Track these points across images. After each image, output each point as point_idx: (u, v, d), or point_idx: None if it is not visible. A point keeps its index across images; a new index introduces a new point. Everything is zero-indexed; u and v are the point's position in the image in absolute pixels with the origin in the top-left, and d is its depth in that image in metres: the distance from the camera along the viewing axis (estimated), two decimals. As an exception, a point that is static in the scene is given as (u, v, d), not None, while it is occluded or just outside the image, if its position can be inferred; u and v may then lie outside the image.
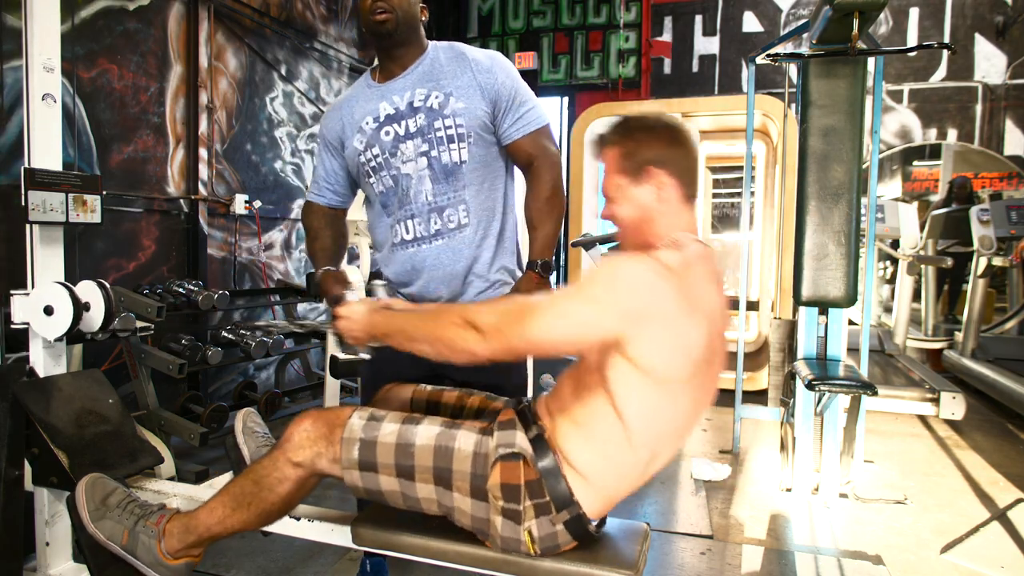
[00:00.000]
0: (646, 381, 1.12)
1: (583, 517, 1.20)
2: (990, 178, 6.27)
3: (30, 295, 1.77)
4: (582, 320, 1.11)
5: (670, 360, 1.11)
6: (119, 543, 1.38)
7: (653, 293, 1.09)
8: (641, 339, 1.09)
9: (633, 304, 1.09)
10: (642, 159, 1.22)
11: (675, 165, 1.22)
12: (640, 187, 1.23)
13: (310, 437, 1.28)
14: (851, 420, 2.82)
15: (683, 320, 1.10)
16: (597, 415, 1.18)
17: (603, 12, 6.61)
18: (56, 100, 1.79)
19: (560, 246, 6.94)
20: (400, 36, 1.66)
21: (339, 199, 1.84)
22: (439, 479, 1.23)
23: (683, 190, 1.23)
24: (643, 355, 1.10)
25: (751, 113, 3.41)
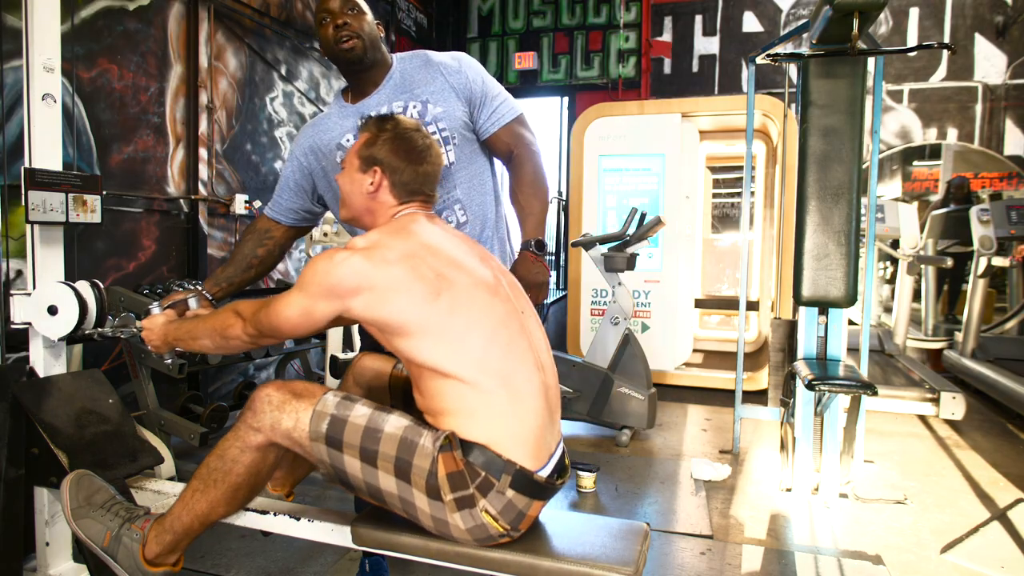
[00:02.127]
0: (409, 331, 1.24)
1: (523, 470, 1.23)
2: (990, 178, 6.27)
3: (32, 295, 1.77)
4: (302, 306, 1.29)
5: (399, 305, 1.24)
6: (100, 544, 1.38)
7: (344, 269, 1.25)
8: (359, 305, 1.25)
9: (332, 283, 1.25)
10: (372, 155, 1.40)
11: (397, 174, 1.40)
12: (362, 175, 1.41)
13: (272, 403, 1.30)
14: (851, 420, 2.82)
15: (382, 274, 1.24)
16: (435, 390, 1.26)
17: (603, 12, 6.60)
18: (56, 100, 1.79)
19: (560, 246, 6.94)
20: (368, 59, 1.70)
21: (279, 211, 1.89)
22: (399, 471, 1.24)
23: (399, 193, 1.41)
24: (376, 314, 1.25)
25: (751, 113, 3.41)
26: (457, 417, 1.25)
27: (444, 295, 1.25)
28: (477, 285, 1.30)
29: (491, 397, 1.24)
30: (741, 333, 3.54)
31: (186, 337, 1.46)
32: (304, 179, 1.82)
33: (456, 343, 1.24)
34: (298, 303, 1.29)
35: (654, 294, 4.89)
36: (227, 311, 1.39)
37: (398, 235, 1.33)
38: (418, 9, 6.33)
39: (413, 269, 1.25)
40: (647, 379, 3.51)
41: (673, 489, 2.91)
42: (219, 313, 1.42)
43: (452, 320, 1.24)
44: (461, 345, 1.24)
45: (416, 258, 1.27)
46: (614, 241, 3.61)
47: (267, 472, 1.37)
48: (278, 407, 1.29)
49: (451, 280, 1.27)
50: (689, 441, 3.62)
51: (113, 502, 1.45)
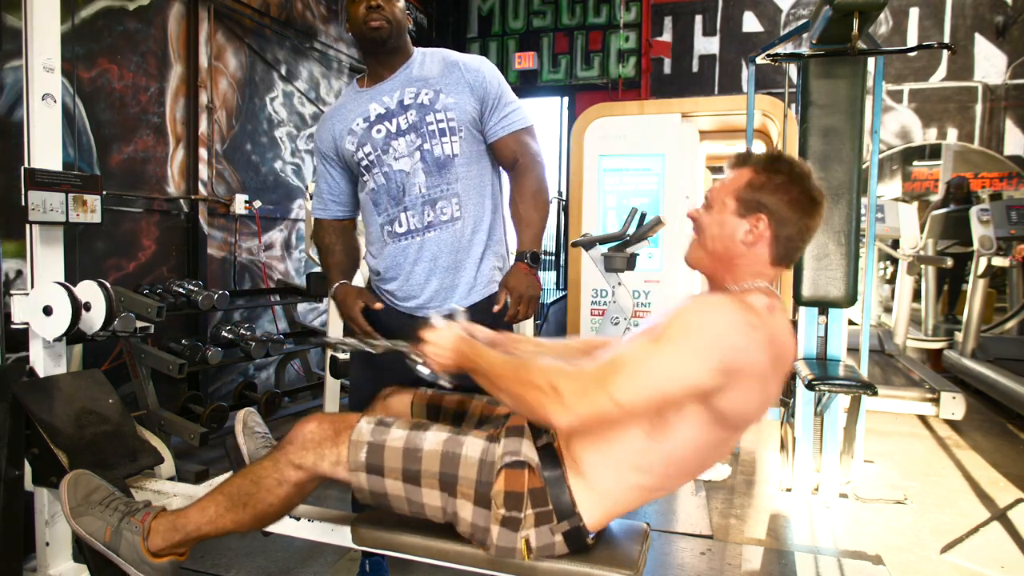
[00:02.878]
0: (710, 424, 1.09)
1: (583, 529, 1.19)
2: (990, 178, 6.27)
3: (30, 295, 1.77)
4: (675, 375, 1.03)
5: (746, 411, 1.09)
6: (101, 540, 1.38)
7: (752, 344, 1.04)
8: (731, 391, 1.05)
9: (733, 357, 1.03)
10: (760, 201, 1.17)
11: (786, 227, 1.17)
12: (739, 220, 1.18)
13: (315, 439, 1.27)
14: (851, 420, 2.82)
15: (771, 374, 1.07)
16: (626, 434, 1.14)
17: (603, 12, 6.61)
18: (56, 100, 1.79)
19: (560, 246, 6.94)
20: (392, 43, 1.71)
21: (344, 210, 1.87)
22: (444, 485, 1.22)
23: (776, 250, 1.18)
24: (724, 405, 1.06)
25: (751, 113, 3.40)
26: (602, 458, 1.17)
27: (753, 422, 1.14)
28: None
29: (647, 480, 1.18)
30: (741, 333, 3.53)
31: (487, 372, 1.19)
32: (345, 168, 1.81)
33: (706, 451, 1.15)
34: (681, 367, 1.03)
35: (654, 294, 4.89)
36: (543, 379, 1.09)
37: (785, 325, 1.13)
38: (418, 9, 6.33)
39: (776, 385, 1.10)
40: (647, 379, 3.50)
41: (673, 489, 2.91)
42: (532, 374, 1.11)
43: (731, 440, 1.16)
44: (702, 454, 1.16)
45: (784, 374, 1.11)
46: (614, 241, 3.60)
47: (301, 501, 1.35)
48: (321, 444, 1.27)
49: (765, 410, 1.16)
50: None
51: (111, 498, 1.45)
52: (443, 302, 1.72)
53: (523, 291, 1.68)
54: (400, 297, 1.75)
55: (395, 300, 1.76)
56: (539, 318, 5.48)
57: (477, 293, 1.73)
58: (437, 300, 1.72)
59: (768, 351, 1.05)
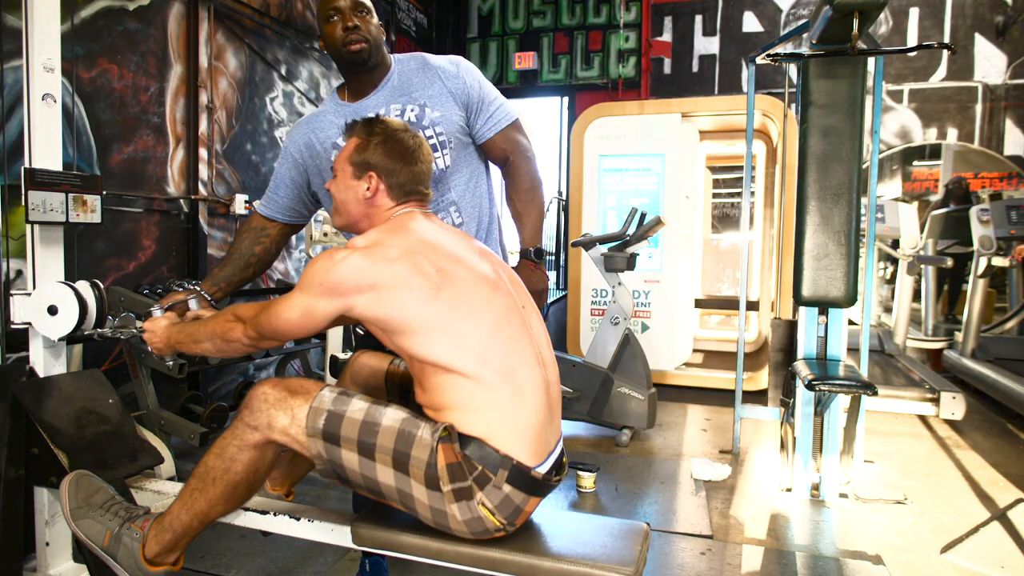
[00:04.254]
0: (412, 328, 1.24)
1: (520, 466, 1.23)
2: (990, 178, 6.27)
3: (32, 295, 1.77)
4: (303, 307, 1.28)
5: (401, 302, 1.24)
6: (100, 544, 1.38)
7: (346, 268, 1.25)
8: (361, 303, 1.25)
9: (333, 281, 1.25)
10: (367, 160, 1.40)
11: (393, 176, 1.40)
12: (356, 182, 1.41)
13: (268, 400, 1.30)
14: (851, 420, 2.82)
15: (380, 270, 1.25)
16: (437, 386, 1.26)
17: (603, 12, 6.61)
18: (56, 100, 1.79)
19: (560, 246, 6.94)
20: (372, 62, 1.69)
21: (278, 212, 1.85)
22: (397, 463, 1.24)
23: (396, 195, 1.42)
24: (380, 309, 1.25)
25: (751, 113, 3.41)
26: (458, 411, 1.25)
27: (445, 291, 1.25)
28: (477, 280, 1.30)
29: (492, 392, 1.24)
30: (741, 333, 3.54)
31: (187, 340, 1.45)
32: (300, 175, 1.80)
33: (458, 338, 1.24)
34: (299, 303, 1.29)
35: (654, 294, 4.89)
36: (227, 314, 1.39)
37: (397, 233, 1.33)
38: (418, 9, 6.33)
39: (414, 266, 1.25)
40: (647, 379, 3.51)
41: (673, 489, 2.91)
42: (219, 316, 1.41)
43: (454, 315, 1.25)
44: (463, 340, 1.24)
45: (416, 254, 1.27)
46: (614, 241, 3.61)
47: (265, 470, 1.37)
48: (274, 404, 1.29)
49: (451, 275, 1.27)
50: (689, 441, 3.62)
51: (112, 502, 1.45)
52: None
53: (532, 286, 1.69)
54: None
55: None
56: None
57: None
58: None
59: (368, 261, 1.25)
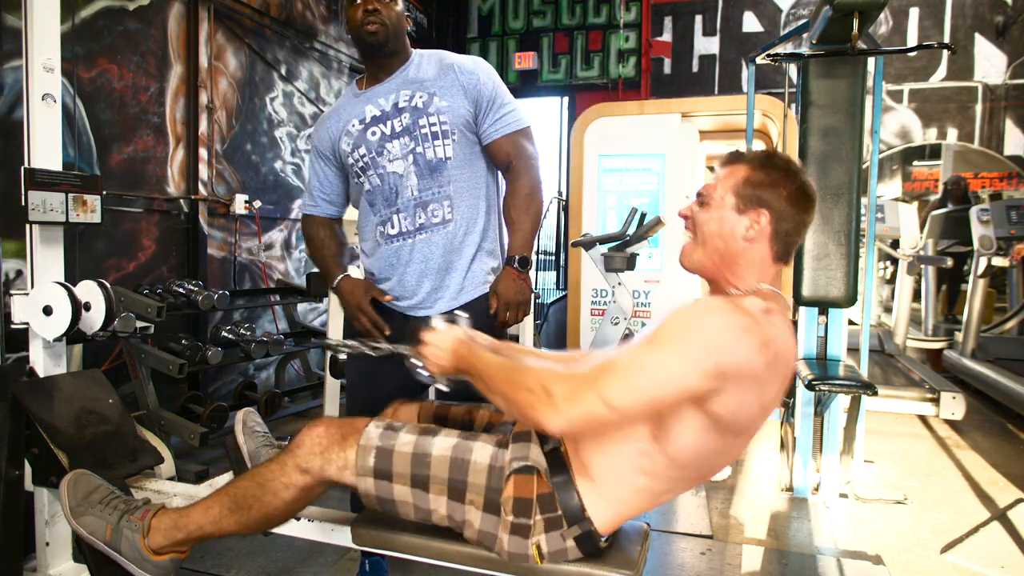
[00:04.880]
0: (709, 429, 1.09)
1: (594, 533, 1.18)
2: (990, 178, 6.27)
3: (29, 295, 1.77)
4: (667, 378, 1.01)
5: (743, 414, 1.08)
6: (102, 539, 1.38)
7: (744, 347, 1.02)
8: (725, 394, 1.04)
9: (724, 360, 1.01)
10: (759, 196, 1.16)
11: (784, 223, 1.16)
12: (738, 216, 1.16)
13: (322, 444, 1.27)
14: (851, 420, 2.82)
15: (766, 377, 1.06)
16: (631, 438, 1.14)
17: (603, 12, 6.61)
18: (56, 100, 1.79)
19: (560, 246, 6.94)
20: (390, 47, 1.71)
21: (334, 208, 1.88)
22: (453, 491, 1.21)
23: (776, 247, 1.17)
24: (719, 409, 1.05)
25: (751, 113, 3.40)
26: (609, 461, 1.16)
27: (757, 424, 1.14)
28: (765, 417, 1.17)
29: (654, 484, 1.17)
30: (741, 333, 3.53)
31: (483, 375, 1.18)
32: (340, 167, 1.82)
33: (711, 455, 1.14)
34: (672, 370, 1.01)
35: (654, 294, 4.88)
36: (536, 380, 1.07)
37: (783, 328, 1.10)
38: (418, 9, 6.33)
39: (778, 383, 1.09)
40: (647, 379, 3.50)
41: (673, 489, 2.91)
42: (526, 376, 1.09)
43: (736, 444, 1.15)
44: (708, 459, 1.15)
45: (783, 377, 1.10)
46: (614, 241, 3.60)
47: (305, 506, 1.35)
48: (327, 449, 1.27)
49: (767, 412, 1.14)
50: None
51: (111, 497, 1.45)
52: (435, 302, 1.74)
53: (511, 297, 1.68)
54: (394, 297, 1.77)
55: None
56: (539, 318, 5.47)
57: (467, 294, 1.74)
58: (429, 300, 1.74)
59: (762, 355, 1.04)
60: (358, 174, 1.75)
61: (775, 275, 1.19)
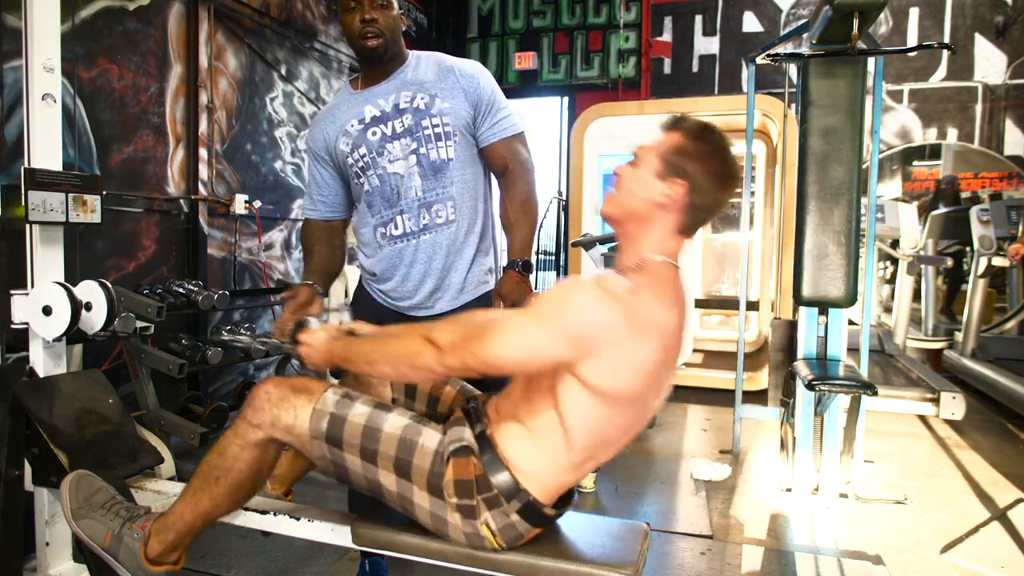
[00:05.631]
0: (594, 398, 1.14)
1: (535, 503, 1.22)
2: (990, 178, 6.27)
3: (29, 295, 1.77)
4: (532, 343, 1.11)
5: (619, 381, 1.13)
6: (101, 544, 1.38)
7: (601, 320, 1.10)
8: (590, 363, 1.11)
9: (581, 331, 1.09)
10: (683, 168, 1.20)
11: (700, 197, 1.20)
12: (658, 181, 1.20)
13: (271, 400, 1.30)
14: (851, 420, 2.82)
15: (632, 344, 1.11)
16: (541, 420, 1.20)
17: (603, 12, 6.60)
18: (56, 100, 1.79)
19: (560, 246, 6.94)
20: (389, 54, 1.72)
21: (333, 211, 1.87)
22: (399, 469, 1.24)
23: (685, 218, 1.22)
24: (592, 376, 1.12)
25: (751, 113, 3.41)
26: (524, 442, 1.21)
27: (650, 395, 1.19)
28: (668, 378, 1.23)
29: (569, 457, 1.21)
30: (741, 333, 3.54)
31: (357, 359, 1.28)
32: (336, 169, 1.82)
33: (604, 426, 1.18)
34: (533, 338, 1.11)
35: (654, 294, 4.88)
36: (413, 336, 1.21)
37: (663, 299, 1.16)
38: (418, 9, 6.33)
39: (659, 355, 1.14)
40: (647, 379, 3.50)
41: (673, 489, 2.91)
42: (401, 338, 1.23)
43: (629, 410, 1.19)
44: (604, 429, 1.19)
45: (667, 343, 1.15)
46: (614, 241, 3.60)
47: (268, 467, 1.37)
48: (277, 404, 1.29)
49: (662, 384, 1.21)
50: (689, 441, 3.62)
51: (113, 502, 1.44)
52: (435, 302, 1.75)
53: (516, 299, 1.68)
54: (395, 297, 1.77)
55: (390, 300, 1.79)
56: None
57: (468, 294, 1.76)
58: (430, 300, 1.75)
59: (624, 326, 1.10)
60: (358, 174, 1.75)
61: (675, 247, 1.24)
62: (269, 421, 1.29)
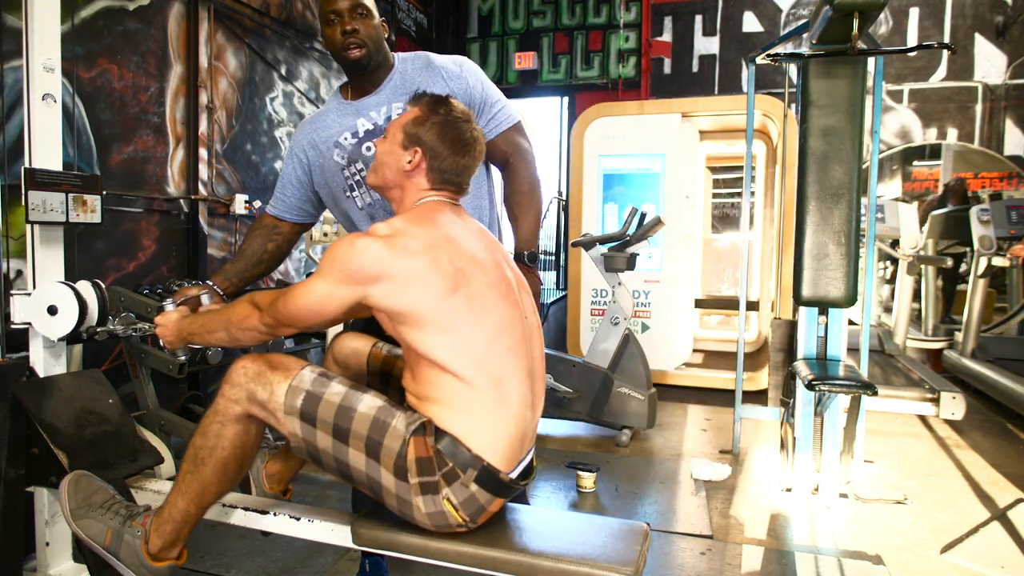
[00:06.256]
0: (420, 322, 1.24)
1: (490, 468, 1.24)
2: (990, 178, 6.27)
3: (32, 295, 1.77)
4: (319, 292, 1.26)
5: (415, 295, 1.24)
6: (101, 543, 1.38)
7: (366, 256, 1.24)
8: (378, 291, 1.24)
9: (352, 268, 1.24)
10: (419, 137, 1.37)
11: (439, 161, 1.38)
12: (402, 151, 1.38)
13: (247, 374, 1.32)
14: (851, 420, 2.82)
15: (401, 262, 1.24)
16: (428, 379, 1.27)
17: (603, 12, 6.60)
18: (56, 100, 1.79)
19: (560, 246, 6.93)
20: (373, 64, 1.70)
21: (288, 211, 1.89)
22: (370, 450, 1.26)
23: (433, 178, 1.39)
24: (391, 302, 1.24)
25: (751, 113, 3.41)
26: (442, 407, 1.26)
27: (460, 292, 1.26)
28: (491, 285, 1.31)
29: (480, 397, 1.25)
30: (741, 333, 3.54)
31: (201, 331, 1.43)
32: (305, 175, 1.83)
33: (461, 340, 1.25)
34: (318, 289, 1.27)
35: (654, 294, 4.89)
36: (243, 302, 1.37)
37: (422, 224, 1.31)
38: (418, 9, 6.33)
39: (434, 261, 1.25)
40: (647, 379, 3.51)
41: (673, 489, 2.91)
42: (235, 305, 1.39)
43: (461, 317, 1.25)
44: (465, 343, 1.25)
45: (438, 250, 1.27)
46: (614, 241, 3.61)
47: (252, 444, 1.38)
48: (254, 378, 1.31)
49: (468, 277, 1.28)
50: (689, 441, 3.62)
51: (113, 501, 1.45)
52: None
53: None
54: None
55: None
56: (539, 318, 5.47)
57: None
58: None
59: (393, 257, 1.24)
60: (353, 188, 1.74)
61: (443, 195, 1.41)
62: (246, 396, 1.31)
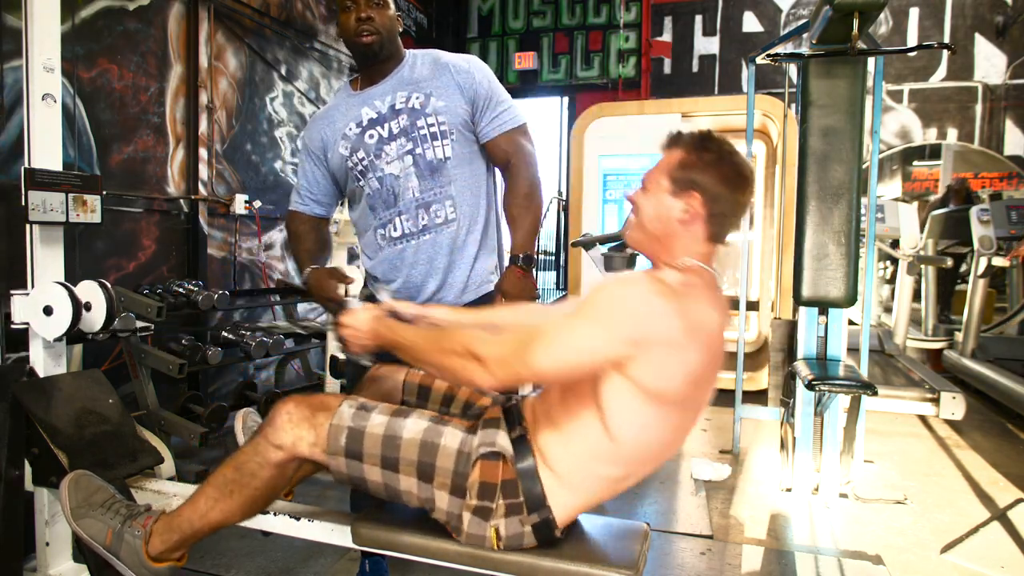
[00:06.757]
0: (641, 400, 1.13)
1: (551, 521, 1.22)
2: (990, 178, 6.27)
3: (30, 295, 1.77)
4: (586, 346, 1.10)
5: (669, 382, 1.12)
6: (102, 543, 1.38)
7: (657, 315, 1.09)
8: (643, 361, 1.10)
9: (638, 328, 1.08)
10: (693, 180, 1.20)
11: (718, 204, 1.20)
12: (673, 199, 1.21)
13: (292, 420, 1.29)
14: (851, 420, 2.82)
15: (685, 343, 1.10)
16: (583, 424, 1.19)
17: (603, 12, 6.61)
18: (56, 100, 1.79)
19: (560, 246, 6.94)
20: (384, 52, 1.72)
21: (321, 209, 1.88)
22: (422, 474, 1.25)
23: (711, 228, 1.21)
24: (643, 376, 1.11)
25: (751, 113, 3.41)
26: (566, 450, 1.20)
27: (693, 395, 1.16)
28: (710, 390, 1.22)
29: (610, 470, 1.20)
30: (741, 333, 3.53)
31: (407, 347, 1.27)
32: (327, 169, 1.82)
33: (653, 429, 1.16)
34: (586, 340, 1.09)
35: (654, 294, 4.88)
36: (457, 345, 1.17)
37: (711, 301, 1.16)
38: (418, 9, 6.33)
39: (708, 350, 1.13)
40: (647, 379, 3.50)
41: (673, 489, 2.91)
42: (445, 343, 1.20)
43: (675, 416, 1.17)
44: (652, 434, 1.17)
45: (711, 351, 1.14)
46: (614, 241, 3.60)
47: (284, 485, 1.36)
48: (298, 424, 1.29)
49: (706, 382, 1.18)
50: (689, 441, 3.62)
51: (113, 501, 1.44)
52: (439, 301, 1.73)
53: (517, 295, 1.68)
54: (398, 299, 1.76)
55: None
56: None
57: (472, 292, 1.75)
58: (434, 300, 1.74)
59: (678, 321, 1.09)
60: (357, 178, 1.75)
61: (708, 254, 1.24)
62: (291, 442, 1.28)
